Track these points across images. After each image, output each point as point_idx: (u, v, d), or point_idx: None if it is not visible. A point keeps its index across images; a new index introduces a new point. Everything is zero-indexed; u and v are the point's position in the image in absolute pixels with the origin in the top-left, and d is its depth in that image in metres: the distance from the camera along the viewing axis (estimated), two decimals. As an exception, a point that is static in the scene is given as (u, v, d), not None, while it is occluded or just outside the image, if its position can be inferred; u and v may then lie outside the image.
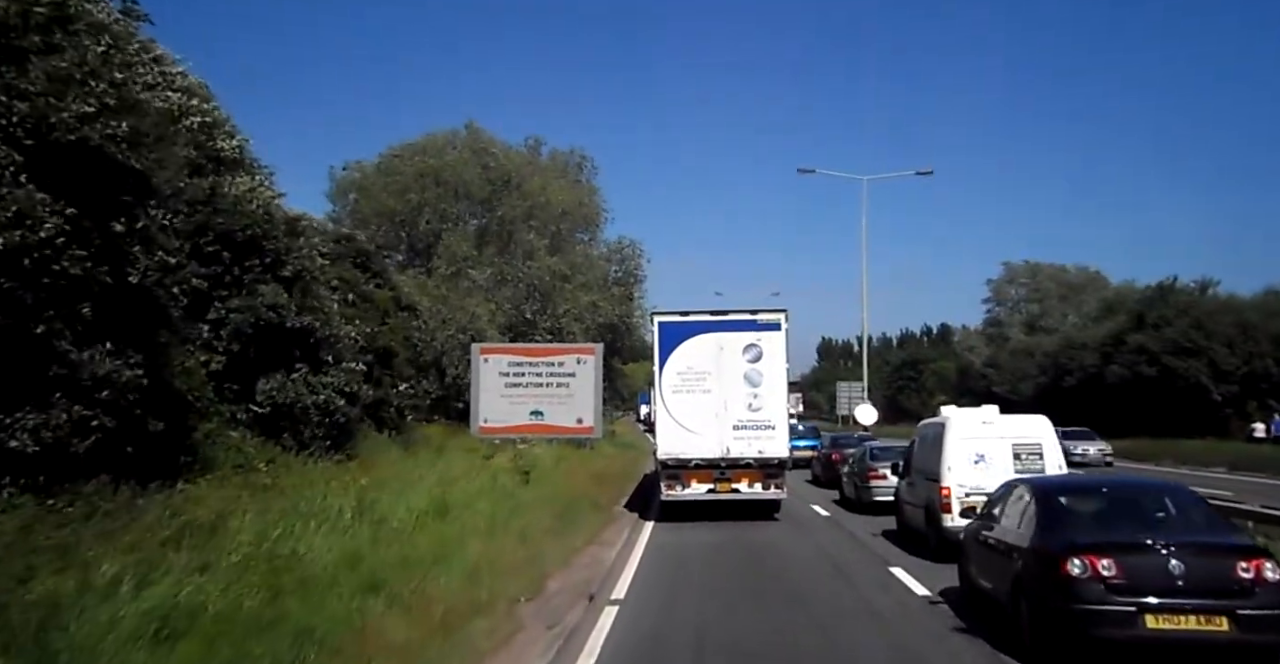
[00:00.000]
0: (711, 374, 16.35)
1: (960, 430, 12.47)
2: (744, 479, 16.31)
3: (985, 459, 12.10)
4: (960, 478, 12.06)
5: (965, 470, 12.09)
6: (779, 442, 16.33)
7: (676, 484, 16.45)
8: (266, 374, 15.11)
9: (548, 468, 20.64)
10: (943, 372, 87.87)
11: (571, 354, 29.72)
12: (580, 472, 21.21)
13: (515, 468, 18.19)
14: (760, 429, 16.21)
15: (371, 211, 36.52)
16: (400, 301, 25.48)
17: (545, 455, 22.63)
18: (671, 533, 15.39)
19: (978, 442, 12.25)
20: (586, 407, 28.90)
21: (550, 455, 22.82)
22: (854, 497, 19.74)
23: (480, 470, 16.52)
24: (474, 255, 36.48)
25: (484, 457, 17.67)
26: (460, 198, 37.20)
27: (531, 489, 16.45)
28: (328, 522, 9.72)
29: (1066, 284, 67.58)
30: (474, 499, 13.83)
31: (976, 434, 12.36)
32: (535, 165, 40.61)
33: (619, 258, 40.04)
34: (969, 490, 11.84)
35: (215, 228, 14.35)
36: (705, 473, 16.29)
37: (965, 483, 11.97)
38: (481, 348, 29.68)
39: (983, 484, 11.42)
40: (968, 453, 12.17)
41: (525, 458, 19.04)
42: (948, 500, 12.00)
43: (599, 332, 37.31)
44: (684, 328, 16.71)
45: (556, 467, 21.16)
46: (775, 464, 16.38)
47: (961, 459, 12.16)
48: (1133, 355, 43.73)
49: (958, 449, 12.24)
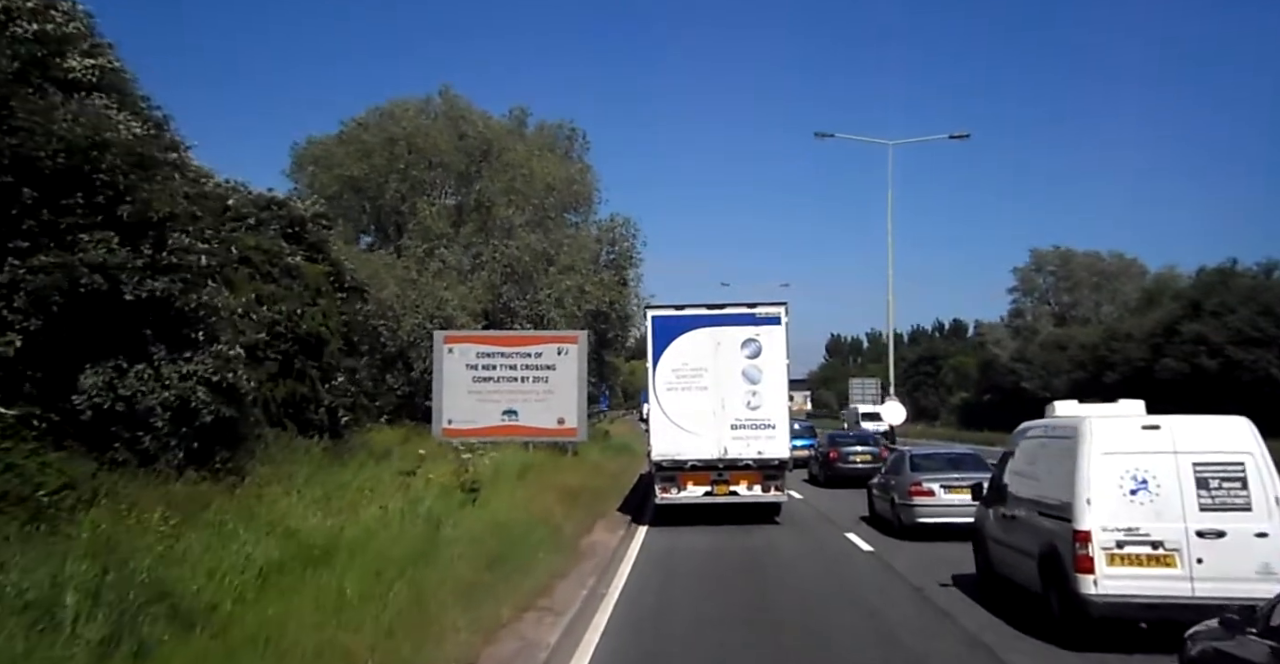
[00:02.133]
0: (708, 371, 15.71)
1: (1106, 441, 8.27)
2: (743, 481, 15.69)
3: (1149, 487, 8.01)
4: (1108, 516, 7.99)
5: (1115, 504, 8.03)
6: (779, 442, 15.63)
7: (672, 487, 15.77)
8: (96, 362, 10.88)
9: (508, 481, 16.38)
10: (963, 367, 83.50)
11: (551, 343, 25.48)
12: (550, 485, 16.94)
13: (459, 484, 13.93)
14: (759, 428, 15.56)
15: (329, 181, 32.28)
16: (343, 280, 21.20)
17: (511, 463, 18.37)
18: (661, 570, 11.17)
19: (1135, 458, 8.12)
20: (568, 404, 24.69)
21: (516, 463, 18.56)
22: (891, 517, 15.90)
23: (399, 490, 12.22)
24: (449, 233, 32.22)
25: (403, 473, 13.29)
26: (434, 167, 32.88)
27: (473, 515, 12.19)
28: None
29: (1100, 272, 62.86)
30: (371, 537, 9.59)
31: (1133, 446, 8.22)
32: (519, 137, 36.30)
33: (610, 238, 35.68)
34: (1123, 536, 7.92)
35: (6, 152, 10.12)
36: (702, 475, 15.65)
37: (1116, 523, 7.96)
38: (445, 336, 25.49)
39: (1143, 525, 7.90)
40: (1119, 476, 8.08)
41: (475, 469, 14.74)
42: (1087, 551, 7.91)
43: (587, 320, 33.03)
44: (679, 322, 16.09)
45: (520, 480, 16.89)
46: (775, 465, 15.71)
47: (1109, 486, 8.08)
48: (1189, 346, 39.28)
49: (1103, 470, 8.13)
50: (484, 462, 16.08)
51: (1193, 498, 7.84)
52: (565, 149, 38.59)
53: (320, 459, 15.39)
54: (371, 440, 21.76)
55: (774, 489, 15.75)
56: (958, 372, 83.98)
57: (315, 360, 18.19)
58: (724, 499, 15.58)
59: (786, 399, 15.99)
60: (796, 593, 10.69)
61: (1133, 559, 7.79)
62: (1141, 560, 7.78)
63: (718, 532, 15.33)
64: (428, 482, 13.03)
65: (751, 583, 11.16)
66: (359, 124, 33.90)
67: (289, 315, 17.26)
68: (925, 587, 10.83)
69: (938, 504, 14.77)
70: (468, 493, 13.83)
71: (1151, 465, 8.01)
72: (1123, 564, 7.79)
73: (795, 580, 11.39)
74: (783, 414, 15.78)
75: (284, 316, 17.16)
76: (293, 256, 18.47)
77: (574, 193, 36.11)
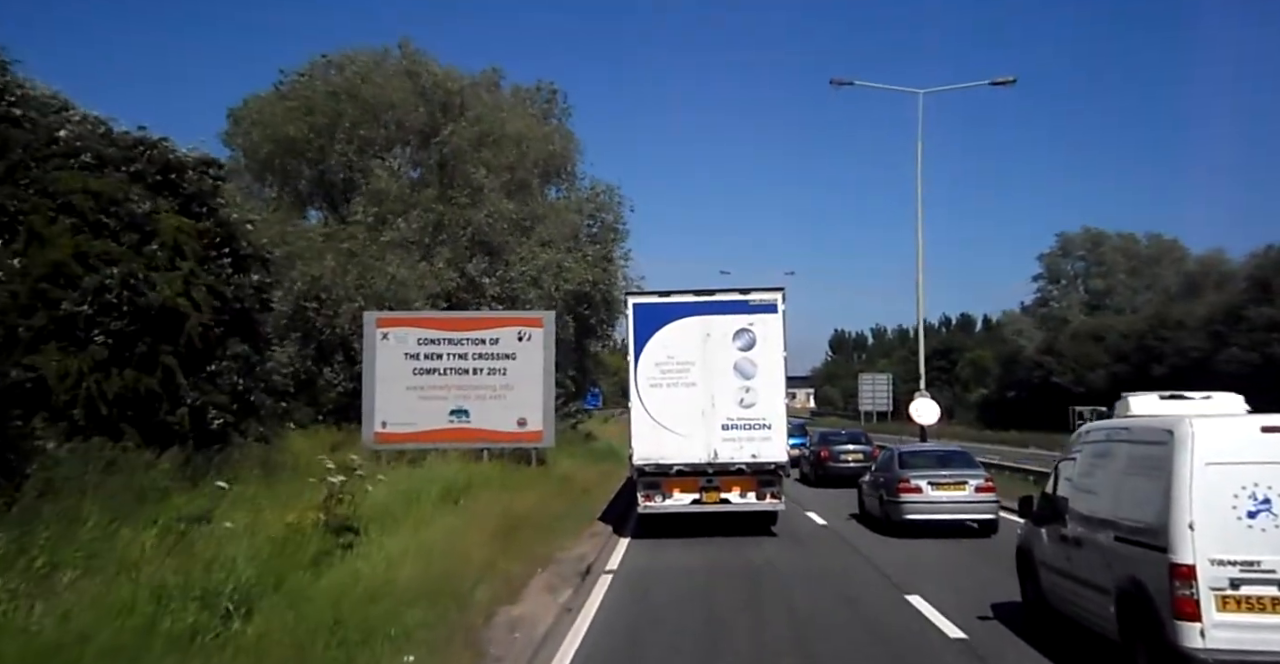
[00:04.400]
0: (696, 364, 14.58)
1: (1212, 447, 6.35)
2: (735, 488, 14.55)
3: (1272, 507, 6.14)
4: (1218, 545, 6.16)
5: (1227, 530, 6.19)
6: (776, 443, 14.51)
7: (656, 494, 14.59)
8: None
9: (423, 510, 11.68)
10: (981, 361, 78.81)
11: (510, 326, 20.82)
12: (485, 515, 12.25)
13: (324, 524, 9.20)
14: (753, 429, 14.44)
15: (263, 141, 27.53)
16: (235, 244, 16.44)
17: (435, 482, 13.65)
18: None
19: (1253, 470, 6.23)
20: (532, 402, 20.13)
21: (445, 482, 13.84)
22: (878, 514, 16.31)
23: (176, 551, 7.41)
24: (405, 195, 27.48)
25: (188, 521, 8.29)
26: (388, 125, 28.07)
27: (308, 588, 7.45)
28: None
29: (1136, 256, 57.82)
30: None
31: (1249, 454, 6.31)
32: (493, 96, 31.55)
33: (592, 208, 30.90)
34: (1238, 573, 6.10)
35: None
36: (689, 481, 14.52)
37: (1229, 555, 6.14)
38: (379, 318, 20.82)
39: (1266, 558, 6.06)
40: (1232, 494, 6.21)
41: (355, 500, 9.98)
42: (1190, 592, 6.08)
43: (567, 302, 28.32)
44: (663, 311, 14.86)
45: (441, 508, 12.18)
46: (771, 470, 14.61)
47: (1218, 507, 6.21)
48: (1259, 334, 34.38)
49: (1210, 486, 6.24)
50: (383, 482, 11.29)
51: None
52: (545, 112, 33.86)
53: (144, 485, 10.62)
54: (285, 449, 17.12)
55: (770, 496, 14.52)
56: (975, 366, 79.29)
57: (171, 344, 13.44)
58: (714, 508, 14.39)
59: (784, 396, 14.70)
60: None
61: (1253, 604, 6.19)
62: (1265, 605, 6.17)
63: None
64: (255, 527, 8.24)
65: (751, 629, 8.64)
66: (302, 77, 29.10)
67: (123, 281, 12.55)
68: (970, 630, 8.46)
69: (925, 501, 15.12)
70: (336, 535, 9.12)
71: (1276, 480, 6.26)
72: (1239, 610, 6.19)
73: (806, 620, 9.13)
74: (779, 413, 14.50)
75: (116, 282, 12.48)
76: (141, 204, 13.71)
77: (552, 157, 31.33)
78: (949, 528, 14.81)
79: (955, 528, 14.91)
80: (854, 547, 14.27)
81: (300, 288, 24.93)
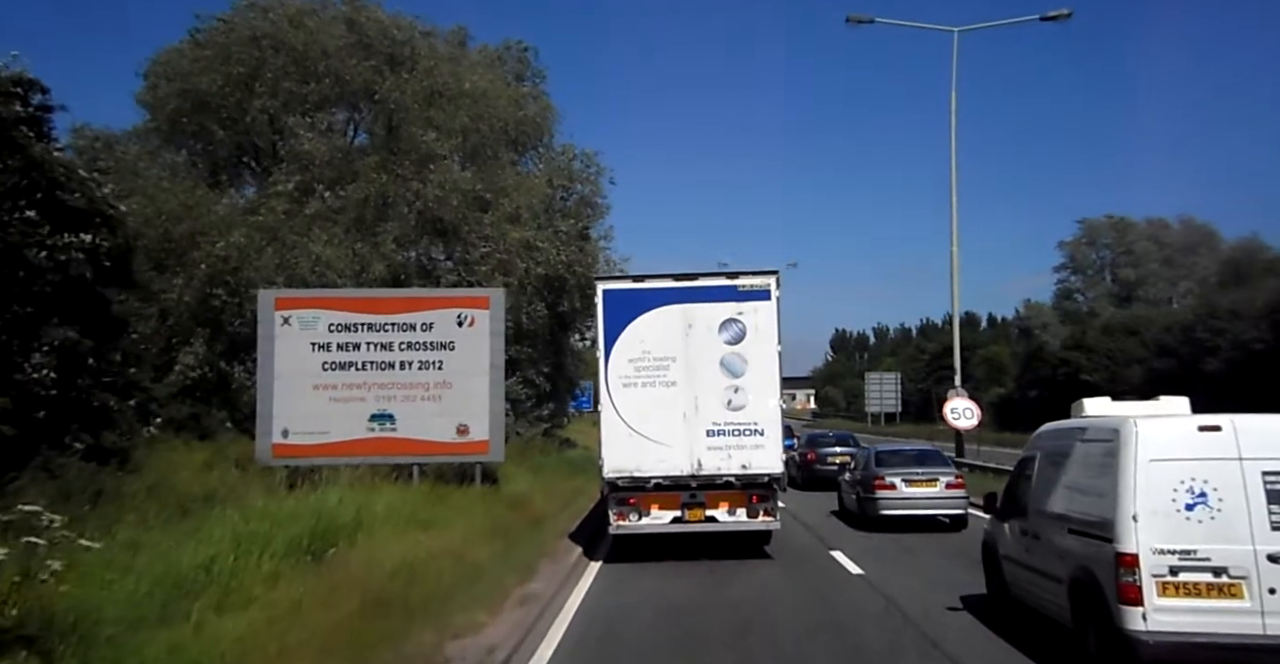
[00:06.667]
0: (676, 360, 12.85)
1: (1154, 445, 6.73)
2: (722, 504, 12.78)
3: (1208, 500, 6.54)
4: (1159, 535, 6.54)
5: (1168, 521, 6.58)
6: (769, 452, 12.70)
7: (630, 512, 12.77)
8: None
9: (255, 571, 7.24)
10: (996, 358, 74.26)
11: (448, 307, 16.46)
12: (352, 582, 7.77)
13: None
14: (743, 435, 12.72)
15: (170, 96, 23.09)
16: (59, 194, 12.00)
17: (317, 514, 9.25)
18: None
19: (1192, 466, 6.63)
20: (475, 404, 15.82)
21: (326, 516, 9.43)
22: (856, 510, 17.07)
23: None
24: (340, 162, 23.08)
25: None
26: (322, 78, 23.59)
27: None
28: None
29: (1169, 244, 53.36)
30: None
31: (1189, 451, 6.70)
32: (452, 50, 27.13)
33: (565, 175, 26.44)
34: (1177, 561, 6.50)
35: None
36: (669, 496, 12.73)
37: (1169, 544, 6.51)
38: (277, 298, 16.39)
39: (1202, 547, 6.50)
40: (1172, 488, 6.60)
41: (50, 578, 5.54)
42: (1134, 579, 6.47)
43: (538, 287, 23.94)
44: (638, 298, 13.06)
45: (287, 569, 7.72)
46: (765, 483, 12.70)
47: (1160, 500, 6.61)
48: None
49: (1153, 481, 6.63)
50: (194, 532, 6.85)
51: (1263, 515, 6.50)
52: (516, 74, 29.46)
53: None
54: (150, 467, 12.91)
55: (763, 514, 12.85)
56: (990, 364, 74.70)
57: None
58: (698, 527, 12.87)
59: (779, 396, 12.91)
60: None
61: (1190, 589, 6.53)
62: (1201, 590, 6.50)
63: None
64: None
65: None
66: (222, 23, 24.65)
67: None
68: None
69: (899, 497, 15.97)
70: None
71: (1211, 475, 6.67)
72: (1178, 595, 6.56)
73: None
74: (774, 416, 12.81)
75: None
76: None
77: (522, 123, 26.87)
78: (921, 521, 15.85)
79: (927, 521, 15.90)
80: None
81: (205, 271, 20.53)
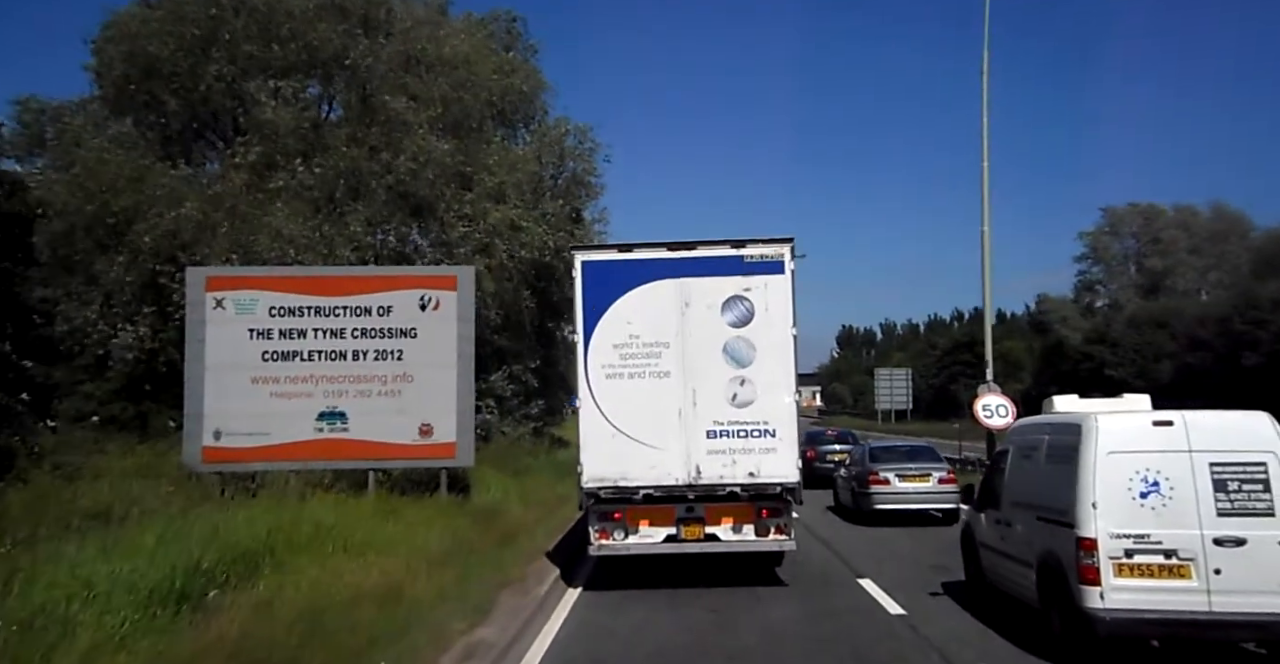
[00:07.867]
0: (670, 346, 11.01)
1: (1113, 439, 7.50)
2: (726, 519, 10.95)
3: (1160, 489, 7.30)
4: (1115, 521, 7.29)
5: (1124, 509, 7.32)
6: (783, 456, 10.81)
7: (615, 529, 10.91)
8: None
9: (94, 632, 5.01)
10: (1012, 353, 71.92)
11: (408, 287, 14.22)
12: (218, 645, 5.56)
13: None
14: (751, 436, 10.89)
15: (118, 62, 20.98)
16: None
17: (205, 543, 7.05)
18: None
19: (1146, 458, 7.37)
20: (440, 400, 13.78)
21: (222, 546, 7.25)
22: (850, 504, 17.86)
23: None
24: (307, 133, 20.94)
25: None
26: (286, 42, 21.43)
27: None
28: None
29: (1197, 232, 50.87)
30: None
31: (1143, 445, 7.44)
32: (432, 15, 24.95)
33: (556, 151, 24.25)
34: (1132, 544, 7.24)
35: None
36: (662, 510, 10.93)
37: (1124, 529, 7.27)
38: (209, 277, 14.21)
39: (1155, 532, 7.22)
40: (1128, 478, 7.35)
41: None
42: (1093, 561, 7.24)
43: (525, 273, 21.75)
44: (623, 270, 11.15)
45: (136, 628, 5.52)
46: (776, 494, 10.85)
47: (1116, 489, 7.35)
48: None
49: (1110, 472, 7.39)
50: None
51: (1209, 502, 7.24)
52: (505, 44, 27.28)
53: None
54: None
55: (774, 531, 10.92)
56: (1006, 359, 72.40)
57: None
58: (696, 547, 10.97)
59: (794, 390, 10.99)
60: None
61: (1143, 570, 7.28)
62: (1153, 571, 7.24)
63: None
64: None
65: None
66: (178, -17, 22.45)
67: None
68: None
69: (892, 491, 16.69)
70: None
71: (1164, 466, 7.42)
72: (1132, 575, 7.29)
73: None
74: (788, 414, 10.88)
75: None
76: None
77: (509, 95, 24.64)
78: (914, 515, 16.49)
79: (920, 515, 16.54)
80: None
81: (150, 244, 18.44)
